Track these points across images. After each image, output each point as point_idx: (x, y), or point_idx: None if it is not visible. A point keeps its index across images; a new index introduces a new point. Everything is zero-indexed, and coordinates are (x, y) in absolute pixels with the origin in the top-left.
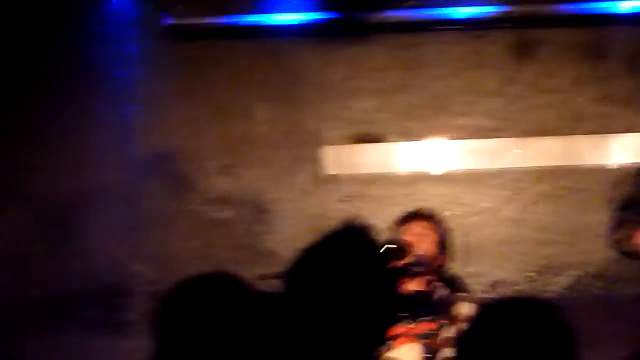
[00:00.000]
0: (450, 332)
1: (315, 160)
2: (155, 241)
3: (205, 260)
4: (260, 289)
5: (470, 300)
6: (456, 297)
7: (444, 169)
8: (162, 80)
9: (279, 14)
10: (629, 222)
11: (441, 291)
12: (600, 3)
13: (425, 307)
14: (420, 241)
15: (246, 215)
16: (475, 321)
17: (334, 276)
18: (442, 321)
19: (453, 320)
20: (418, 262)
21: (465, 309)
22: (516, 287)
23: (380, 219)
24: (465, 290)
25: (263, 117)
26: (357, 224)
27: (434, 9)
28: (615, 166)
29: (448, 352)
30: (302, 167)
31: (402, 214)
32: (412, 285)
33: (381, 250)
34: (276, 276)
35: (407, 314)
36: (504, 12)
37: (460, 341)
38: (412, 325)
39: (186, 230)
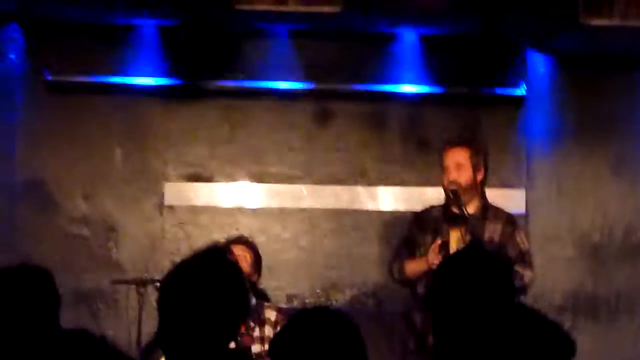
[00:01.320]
0: (257, 332)
1: (157, 194)
2: (26, 253)
3: (66, 269)
4: None
5: (273, 308)
6: (263, 305)
7: (257, 206)
8: (40, 123)
9: (135, 77)
10: (402, 256)
11: (252, 300)
12: (383, 85)
13: None
14: (240, 261)
15: (101, 234)
16: (284, 326)
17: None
18: (252, 323)
19: (261, 323)
20: None
21: (270, 314)
22: (307, 300)
23: (207, 242)
24: (269, 300)
25: (118, 158)
26: (219, 246)
27: (257, 81)
28: (388, 211)
29: (257, 348)
30: (147, 198)
31: (225, 239)
32: None
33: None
34: (126, 282)
35: None
36: (309, 88)
37: (273, 342)
38: None
39: (52, 244)
